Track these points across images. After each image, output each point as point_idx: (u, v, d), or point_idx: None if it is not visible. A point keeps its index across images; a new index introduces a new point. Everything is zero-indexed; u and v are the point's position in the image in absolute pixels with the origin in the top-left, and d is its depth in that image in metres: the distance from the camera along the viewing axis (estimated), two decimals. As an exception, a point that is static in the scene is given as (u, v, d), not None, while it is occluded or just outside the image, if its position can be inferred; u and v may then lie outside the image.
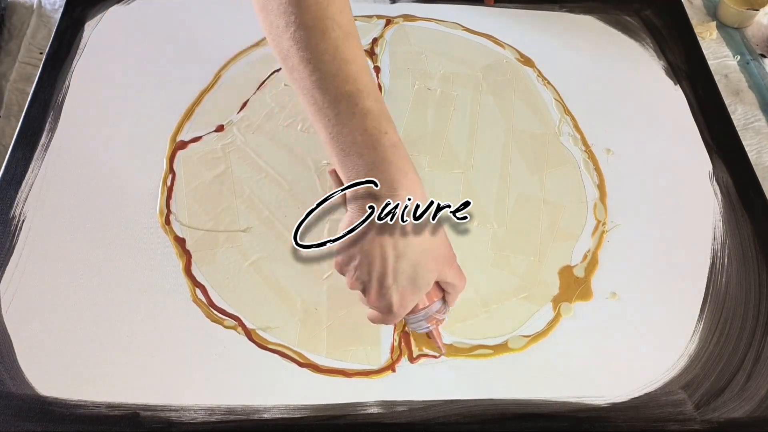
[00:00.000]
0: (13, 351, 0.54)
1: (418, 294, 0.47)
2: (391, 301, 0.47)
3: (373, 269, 0.46)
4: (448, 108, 0.72)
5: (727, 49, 0.84)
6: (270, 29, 0.48)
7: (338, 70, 0.45)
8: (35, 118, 0.68)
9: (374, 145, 0.45)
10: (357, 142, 0.45)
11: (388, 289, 0.46)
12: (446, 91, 0.74)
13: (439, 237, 0.48)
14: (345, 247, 0.47)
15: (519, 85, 0.75)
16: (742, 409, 0.54)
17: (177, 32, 0.77)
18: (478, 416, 0.53)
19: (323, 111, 0.46)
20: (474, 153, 0.69)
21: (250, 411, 0.53)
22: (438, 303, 0.51)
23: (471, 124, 0.71)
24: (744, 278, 0.61)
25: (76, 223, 0.62)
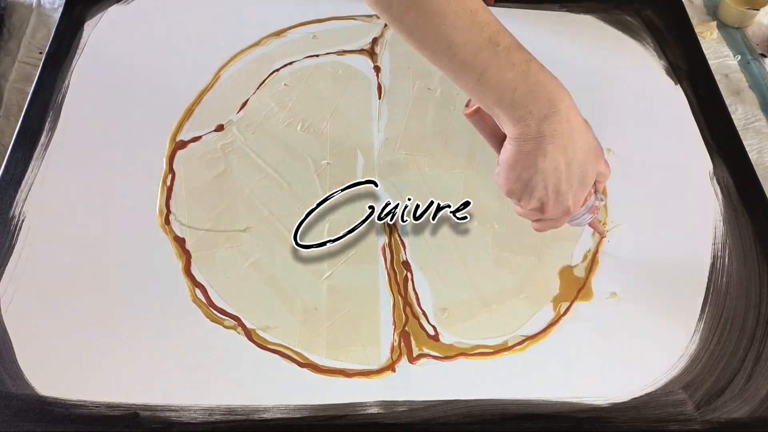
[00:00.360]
0: (13, 351, 0.54)
1: (587, 190, 0.51)
2: (568, 205, 0.50)
3: (548, 182, 0.49)
4: (448, 108, 0.72)
5: (727, 48, 0.84)
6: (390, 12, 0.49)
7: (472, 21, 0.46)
8: (35, 117, 0.68)
9: (525, 75, 0.47)
10: (508, 79, 0.47)
11: (565, 195, 0.50)
12: (446, 91, 0.74)
13: (593, 134, 0.51)
14: (514, 175, 0.49)
15: (519, 85, 0.75)
16: (743, 409, 0.54)
17: (177, 32, 0.77)
18: (478, 416, 0.53)
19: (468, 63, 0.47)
20: (474, 153, 0.69)
21: (249, 411, 0.53)
22: (594, 194, 0.54)
23: (471, 124, 0.71)
24: (744, 278, 0.61)
25: (76, 223, 0.62)
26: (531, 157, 0.48)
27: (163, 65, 0.73)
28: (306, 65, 0.75)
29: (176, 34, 0.76)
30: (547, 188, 0.49)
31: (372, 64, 0.75)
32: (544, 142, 0.47)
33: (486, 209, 0.65)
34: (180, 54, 0.75)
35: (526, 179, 0.49)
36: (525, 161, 0.48)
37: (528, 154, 0.48)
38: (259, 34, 0.78)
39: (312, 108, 0.71)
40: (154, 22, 0.77)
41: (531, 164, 0.48)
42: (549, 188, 0.49)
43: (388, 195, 0.65)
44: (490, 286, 0.60)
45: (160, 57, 0.74)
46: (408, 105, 0.72)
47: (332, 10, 0.80)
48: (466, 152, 0.69)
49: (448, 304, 0.59)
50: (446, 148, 0.69)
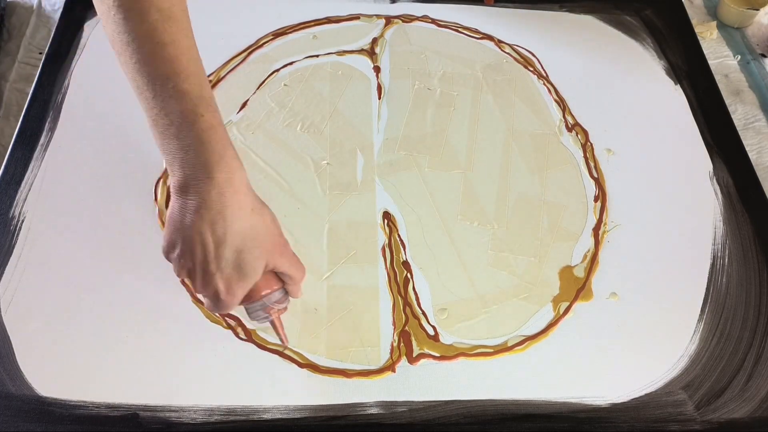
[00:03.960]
0: (13, 351, 0.54)
1: (245, 282, 0.47)
2: (217, 289, 0.46)
3: (195, 257, 0.45)
4: (448, 108, 0.72)
5: (727, 49, 0.84)
6: (100, 16, 0.47)
7: (154, 52, 0.44)
8: (35, 118, 0.68)
9: (189, 127, 0.44)
10: (172, 124, 0.44)
11: (212, 277, 0.45)
12: (446, 91, 0.74)
13: (263, 223, 0.47)
14: (167, 235, 0.46)
15: (519, 85, 0.75)
16: (743, 409, 0.54)
17: (177, 32, 0.77)
18: (478, 416, 0.53)
19: (143, 94, 0.45)
20: (474, 153, 0.69)
21: (249, 411, 0.53)
22: (278, 293, 0.51)
23: (471, 124, 0.71)
24: (744, 278, 0.61)
25: (76, 223, 0.62)
26: (178, 219, 0.45)
27: (163, 65, 0.73)
28: (306, 65, 0.75)
29: (176, 34, 0.76)
30: (194, 261, 0.45)
31: (372, 64, 0.75)
32: (192, 208, 0.44)
33: (486, 209, 0.65)
34: (180, 54, 0.74)
35: (174, 242, 0.46)
36: (174, 221, 0.45)
37: (177, 214, 0.45)
38: (258, 34, 0.78)
39: (312, 108, 0.71)
40: (154, 22, 0.77)
41: (178, 227, 0.45)
42: (196, 262, 0.45)
43: (387, 195, 0.65)
44: (490, 286, 0.60)
45: (160, 57, 0.74)
46: (408, 105, 0.72)
47: (332, 10, 0.80)
48: (465, 152, 0.69)
49: (447, 305, 0.59)
50: (446, 148, 0.69)
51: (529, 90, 0.75)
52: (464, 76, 0.75)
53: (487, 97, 0.74)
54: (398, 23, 0.80)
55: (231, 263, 0.45)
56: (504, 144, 0.70)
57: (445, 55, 0.77)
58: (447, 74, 0.75)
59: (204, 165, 0.44)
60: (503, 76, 0.76)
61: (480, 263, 0.61)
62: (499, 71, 0.76)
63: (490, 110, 0.73)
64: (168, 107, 0.44)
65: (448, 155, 0.68)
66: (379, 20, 0.80)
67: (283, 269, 0.49)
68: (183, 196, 0.44)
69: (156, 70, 0.44)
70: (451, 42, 0.79)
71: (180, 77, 0.44)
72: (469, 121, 0.71)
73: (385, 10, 0.81)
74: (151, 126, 0.46)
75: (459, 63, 0.77)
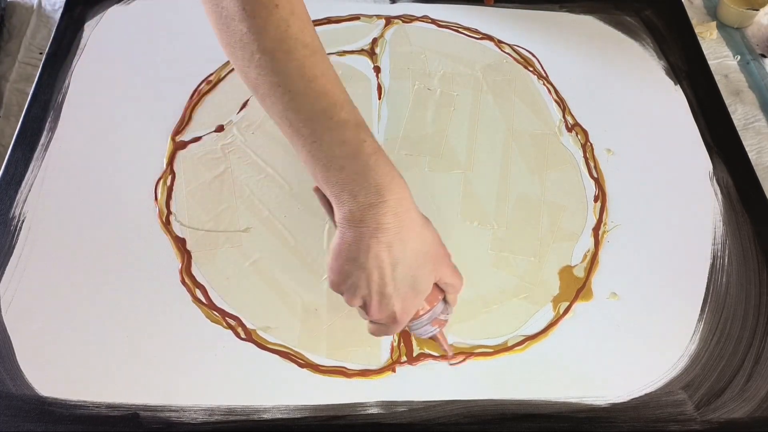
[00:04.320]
0: (13, 351, 0.54)
1: (419, 298, 0.47)
2: (394, 310, 0.46)
3: (372, 282, 0.45)
4: (448, 108, 0.72)
5: (727, 49, 0.84)
6: (237, 63, 0.47)
7: (307, 88, 0.44)
8: (35, 118, 0.68)
9: (354, 155, 0.44)
10: (336, 155, 0.44)
11: (389, 299, 0.45)
12: (446, 91, 0.74)
13: (432, 237, 0.47)
14: (338, 266, 0.46)
15: (519, 85, 0.75)
16: (743, 409, 0.54)
17: (177, 32, 0.77)
18: (478, 416, 0.53)
19: (300, 131, 0.45)
20: (474, 153, 0.69)
21: (250, 411, 0.53)
22: (440, 305, 0.51)
23: (471, 124, 0.71)
24: (744, 278, 0.61)
25: (76, 223, 0.62)
26: (353, 248, 0.44)
27: (163, 65, 0.73)
28: (306, 65, 0.75)
29: (176, 34, 0.76)
30: (370, 287, 0.45)
31: (372, 65, 0.76)
32: (367, 234, 0.43)
33: (486, 209, 0.65)
34: (180, 54, 0.75)
35: (347, 272, 0.45)
36: (347, 252, 0.44)
37: (350, 244, 0.44)
38: (259, 34, 0.77)
39: (312, 108, 0.71)
40: (154, 22, 0.77)
41: (353, 257, 0.44)
42: (372, 288, 0.45)
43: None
44: (490, 286, 0.60)
45: (160, 57, 0.74)
46: (408, 105, 0.72)
47: (332, 10, 0.80)
48: (465, 152, 0.69)
49: (448, 305, 0.59)
50: (446, 148, 0.69)
51: (529, 90, 0.75)
52: (464, 76, 0.76)
53: (487, 97, 0.74)
54: (398, 23, 0.80)
55: (407, 282, 0.45)
56: (504, 144, 0.70)
57: (445, 56, 0.77)
58: (447, 74, 0.75)
59: (377, 189, 0.43)
60: (503, 77, 0.76)
61: (480, 263, 0.61)
62: (499, 71, 0.76)
63: (490, 110, 0.73)
64: (330, 139, 0.44)
65: (448, 155, 0.68)
66: (379, 20, 0.80)
67: (447, 279, 0.49)
68: (357, 225, 0.44)
69: (312, 106, 0.44)
70: (451, 42, 0.79)
71: (336, 108, 0.44)
72: (469, 121, 0.71)
73: (385, 11, 0.81)
74: (311, 162, 0.45)
75: (459, 63, 0.77)
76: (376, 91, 0.73)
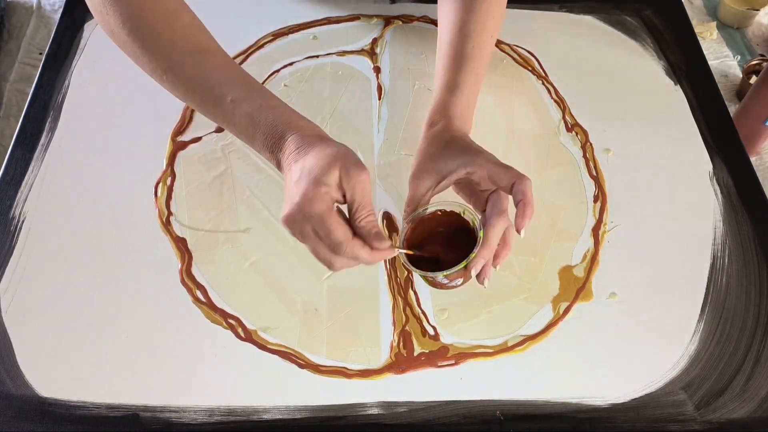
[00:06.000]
0: (13, 352, 0.54)
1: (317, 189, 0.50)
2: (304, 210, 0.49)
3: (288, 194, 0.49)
4: (448, 108, 0.72)
5: (727, 49, 0.84)
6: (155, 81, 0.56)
7: (202, 86, 0.53)
8: (35, 118, 0.68)
9: (254, 121, 0.51)
10: (245, 125, 0.52)
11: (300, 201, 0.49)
12: (446, 91, 0.74)
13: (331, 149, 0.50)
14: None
15: (519, 85, 0.75)
16: (743, 409, 0.54)
17: (177, 32, 0.77)
18: (479, 416, 0.53)
19: (218, 120, 0.54)
20: (474, 153, 0.69)
21: (250, 412, 0.53)
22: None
23: (471, 124, 0.71)
24: (744, 278, 0.61)
25: (76, 223, 0.62)
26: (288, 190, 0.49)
27: (163, 66, 0.73)
28: (306, 66, 0.75)
29: (176, 34, 0.76)
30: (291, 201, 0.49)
31: (372, 65, 0.76)
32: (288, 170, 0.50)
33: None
34: (180, 54, 0.75)
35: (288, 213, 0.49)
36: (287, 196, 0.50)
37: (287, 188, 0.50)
38: (258, 34, 0.78)
39: (312, 108, 0.71)
40: (154, 22, 0.77)
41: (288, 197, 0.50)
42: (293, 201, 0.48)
43: (388, 196, 0.65)
44: (490, 287, 0.60)
45: (160, 57, 0.74)
46: (408, 105, 0.72)
47: (332, 11, 0.80)
48: (466, 152, 0.69)
49: (447, 305, 0.59)
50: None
51: (529, 90, 0.75)
52: (464, 76, 0.75)
53: (487, 97, 0.74)
54: (398, 23, 0.80)
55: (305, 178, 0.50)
56: (504, 144, 0.70)
57: (445, 56, 0.77)
58: (447, 74, 0.75)
59: (281, 134, 0.50)
60: (503, 77, 0.76)
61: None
62: (498, 71, 0.76)
63: (490, 110, 0.72)
64: (235, 118, 0.52)
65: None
66: (379, 20, 0.80)
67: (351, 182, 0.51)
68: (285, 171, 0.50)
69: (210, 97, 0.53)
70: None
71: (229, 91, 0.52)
72: (469, 121, 0.71)
73: (385, 11, 0.81)
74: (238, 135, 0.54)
75: (459, 63, 0.77)
76: (376, 91, 0.73)
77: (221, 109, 0.53)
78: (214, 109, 0.53)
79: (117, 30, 0.54)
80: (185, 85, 0.54)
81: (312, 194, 0.46)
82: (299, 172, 0.47)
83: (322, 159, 0.47)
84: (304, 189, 0.46)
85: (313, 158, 0.47)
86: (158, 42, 0.53)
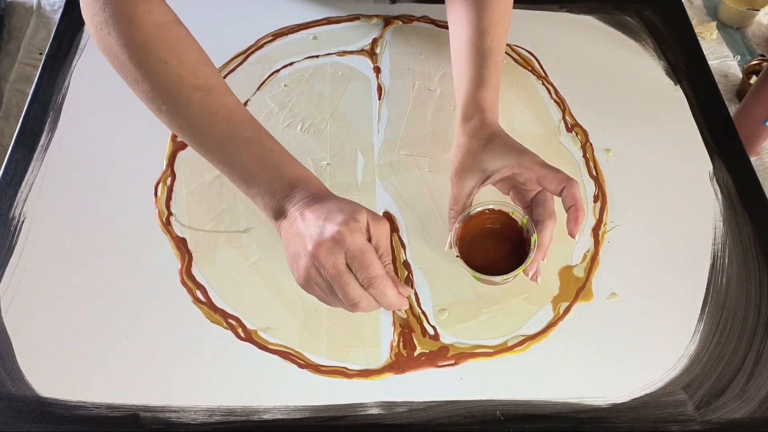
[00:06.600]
0: (13, 352, 0.54)
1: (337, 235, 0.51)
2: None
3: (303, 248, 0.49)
4: (448, 108, 0.72)
5: (727, 49, 0.84)
6: (152, 111, 0.55)
7: (210, 122, 0.52)
8: (35, 118, 0.68)
9: (263, 161, 0.51)
10: (248, 167, 0.51)
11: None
12: (446, 91, 0.74)
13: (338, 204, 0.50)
14: (291, 265, 0.50)
15: (519, 85, 0.75)
16: (743, 409, 0.54)
17: (177, 32, 0.77)
18: (479, 417, 0.53)
19: (216, 157, 0.53)
20: (474, 153, 0.69)
21: (250, 412, 0.53)
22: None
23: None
24: (744, 279, 0.61)
25: (76, 224, 0.62)
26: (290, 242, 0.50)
27: (163, 66, 0.73)
28: (306, 66, 0.75)
29: (176, 34, 0.76)
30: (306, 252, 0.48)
31: (372, 65, 0.76)
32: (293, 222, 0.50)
33: (486, 209, 0.65)
34: (180, 55, 0.75)
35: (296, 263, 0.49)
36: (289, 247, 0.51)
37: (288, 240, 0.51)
38: (258, 34, 0.78)
39: (312, 109, 0.71)
40: (154, 22, 0.77)
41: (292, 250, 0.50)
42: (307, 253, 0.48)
43: (388, 196, 0.65)
44: (491, 287, 0.60)
45: (160, 58, 0.74)
46: (408, 106, 0.72)
47: (332, 11, 0.80)
48: (466, 153, 0.69)
49: (448, 305, 0.59)
50: (446, 148, 0.69)
51: (529, 90, 0.75)
52: (464, 76, 0.75)
53: (487, 98, 0.74)
54: (398, 24, 0.80)
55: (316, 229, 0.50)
56: (504, 144, 0.69)
57: (445, 56, 0.77)
58: (447, 74, 0.75)
59: (289, 183, 0.51)
60: (503, 76, 0.76)
61: (480, 263, 0.61)
62: (499, 71, 0.76)
63: (490, 110, 0.72)
64: (240, 157, 0.52)
65: (448, 156, 0.68)
66: (379, 21, 0.80)
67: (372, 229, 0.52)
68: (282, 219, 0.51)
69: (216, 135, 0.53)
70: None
71: (240, 128, 0.52)
72: (469, 121, 0.71)
73: (385, 11, 0.81)
74: (232, 179, 0.54)
75: (459, 63, 0.77)
76: (376, 91, 0.73)
77: (226, 148, 0.52)
78: (217, 147, 0.52)
79: (117, 52, 0.52)
80: (187, 120, 0.53)
81: (353, 226, 0.46)
82: (325, 212, 0.47)
83: (346, 205, 0.48)
84: (342, 220, 0.46)
85: (334, 204, 0.48)
86: (163, 72, 0.52)
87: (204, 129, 0.52)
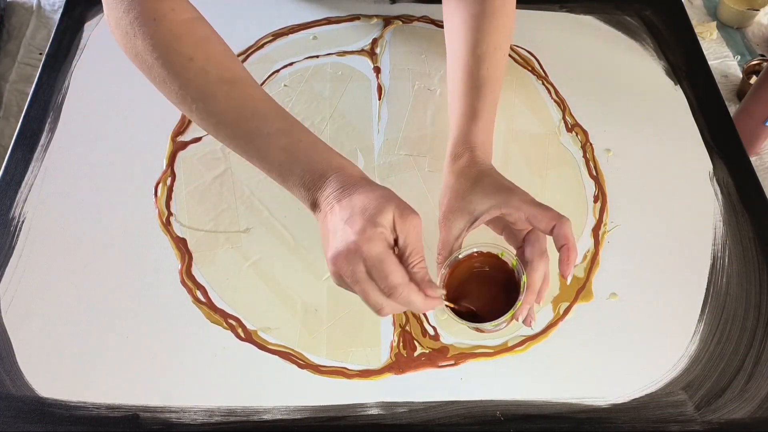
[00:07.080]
0: (13, 352, 0.54)
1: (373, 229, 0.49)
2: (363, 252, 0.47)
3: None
4: (448, 109, 0.72)
5: (727, 49, 0.84)
6: (181, 110, 0.54)
7: (237, 116, 0.51)
8: (35, 118, 0.68)
9: (294, 154, 0.50)
10: (280, 161, 0.50)
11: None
12: (446, 91, 0.74)
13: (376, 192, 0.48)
14: (328, 258, 0.47)
15: (519, 85, 0.75)
16: (743, 410, 0.54)
17: (177, 32, 0.77)
18: (479, 416, 0.53)
19: (248, 152, 0.52)
20: (474, 153, 0.69)
21: (250, 412, 0.53)
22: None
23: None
24: (744, 279, 0.61)
25: (76, 224, 0.62)
26: (329, 234, 0.48)
27: (163, 66, 0.73)
28: (306, 66, 0.75)
29: (176, 34, 0.76)
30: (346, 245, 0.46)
31: (372, 65, 0.76)
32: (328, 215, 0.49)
33: (486, 210, 0.64)
34: (180, 55, 0.75)
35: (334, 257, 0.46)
36: (327, 240, 0.48)
37: (325, 233, 0.49)
38: (258, 34, 0.78)
39: (312, 109, 0.71)
40: (154, 22, 0.77)
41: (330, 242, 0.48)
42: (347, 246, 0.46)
43: (388, 195, 0.65)
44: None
45: (160, 58, 0.74)
46: (408, 106, 0.72)
47: (332, 11, 0.80)
48: (466, 153, 0.69)
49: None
50: (446, 148, 0.69)
51: (529, 90, 0.75)
52: (464, 76, 0.75)
53: (487, 98, 0.74)
54: (398, 24, 0.80)
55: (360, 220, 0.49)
56: (504, 144, 0.70)
57: (445, 56, 0.77)
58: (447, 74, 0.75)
59: (321, 173, 0.49)
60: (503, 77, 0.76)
61: (480, 263, 0.61)
62: (499, 71, 0.76)
63: (490, 110, 0.72)
64: (269, 150, 0.51)
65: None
66: (378, 21, 0.80)
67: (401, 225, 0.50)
68: (320, 211, 0.50)
69: (244, 129, 0.52)
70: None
71: (268, 122, 0.51)
72: (469, 121, 0.71)
73: (385, 11, 0.81)
74: (265, 171, 0.53)
75: (459, 63, 0.76)
76: (376, 91, 0.73)
77: (256, 142, 0.51)
78: (248, 142, 0.51)
79: (144, 54, 0.52)
80: (216, 117, 0.52)
81: (370, 234, 0.44)
82: (349, 211, 0.46)
83: (374, 199, 0.46)
84: (360, 227, 0.44)
85: (362, 198, 0.46)
86: (189, 69, 0.51)
87: (233, 125, 0.51)
